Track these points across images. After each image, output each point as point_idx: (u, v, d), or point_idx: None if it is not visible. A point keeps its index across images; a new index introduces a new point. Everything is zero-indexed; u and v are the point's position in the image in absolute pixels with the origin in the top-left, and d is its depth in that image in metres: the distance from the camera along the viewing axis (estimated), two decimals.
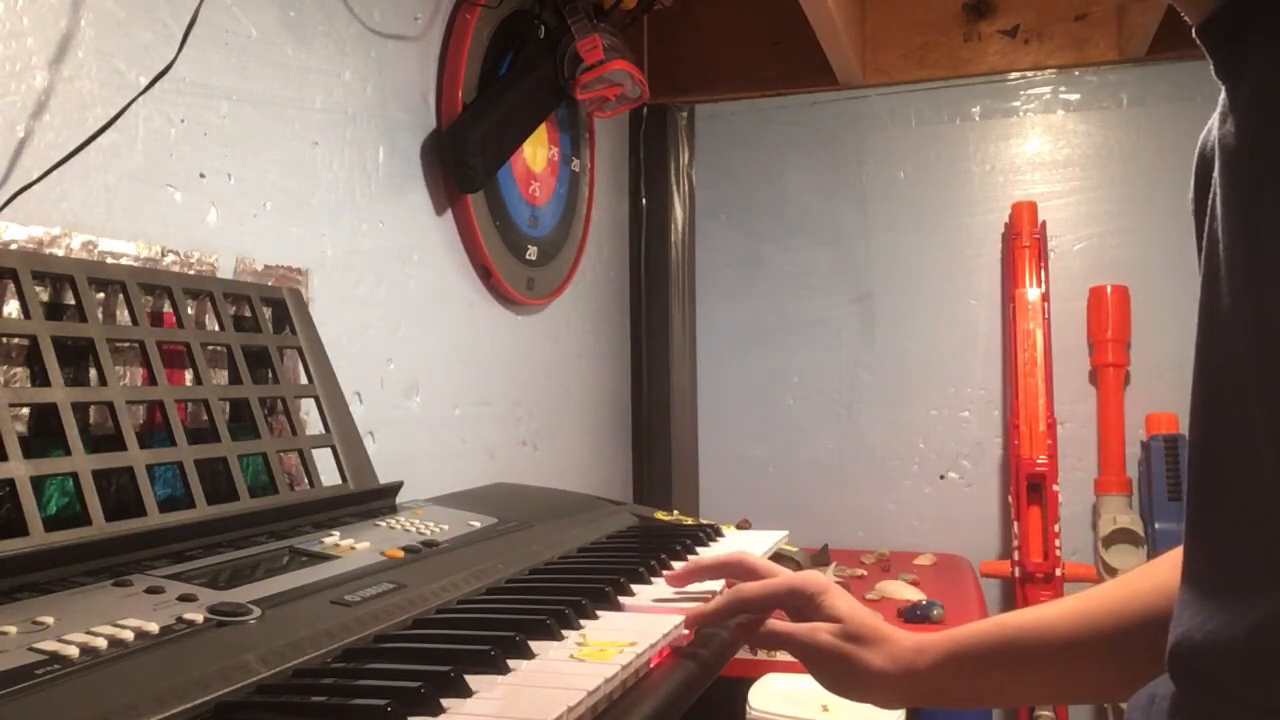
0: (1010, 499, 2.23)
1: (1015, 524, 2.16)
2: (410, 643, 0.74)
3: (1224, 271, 0.54)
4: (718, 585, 0.94)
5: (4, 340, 0.87)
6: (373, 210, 1.47)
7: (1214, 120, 0.57)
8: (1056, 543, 2.10)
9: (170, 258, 1.08)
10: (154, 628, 0.65)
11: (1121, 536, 2.14)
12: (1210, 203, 0.56)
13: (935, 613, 1.78)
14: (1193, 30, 0.56)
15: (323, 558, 0.88)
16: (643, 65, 2.37)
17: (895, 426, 2.46)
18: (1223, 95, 0.55)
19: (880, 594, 1.94)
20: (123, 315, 0.97)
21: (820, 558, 2.25)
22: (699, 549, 1.13)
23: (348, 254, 1.42)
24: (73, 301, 0.91)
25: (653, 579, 0.97)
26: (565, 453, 2.13)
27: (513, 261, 1.83)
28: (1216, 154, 0.55)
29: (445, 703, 0.60)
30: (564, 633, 0.75)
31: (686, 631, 0.82)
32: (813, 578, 0.87)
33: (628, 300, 2.54)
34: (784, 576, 0.88)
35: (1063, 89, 2.37)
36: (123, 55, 1.04)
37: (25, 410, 0.87)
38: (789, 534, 1.26)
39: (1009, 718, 2.29)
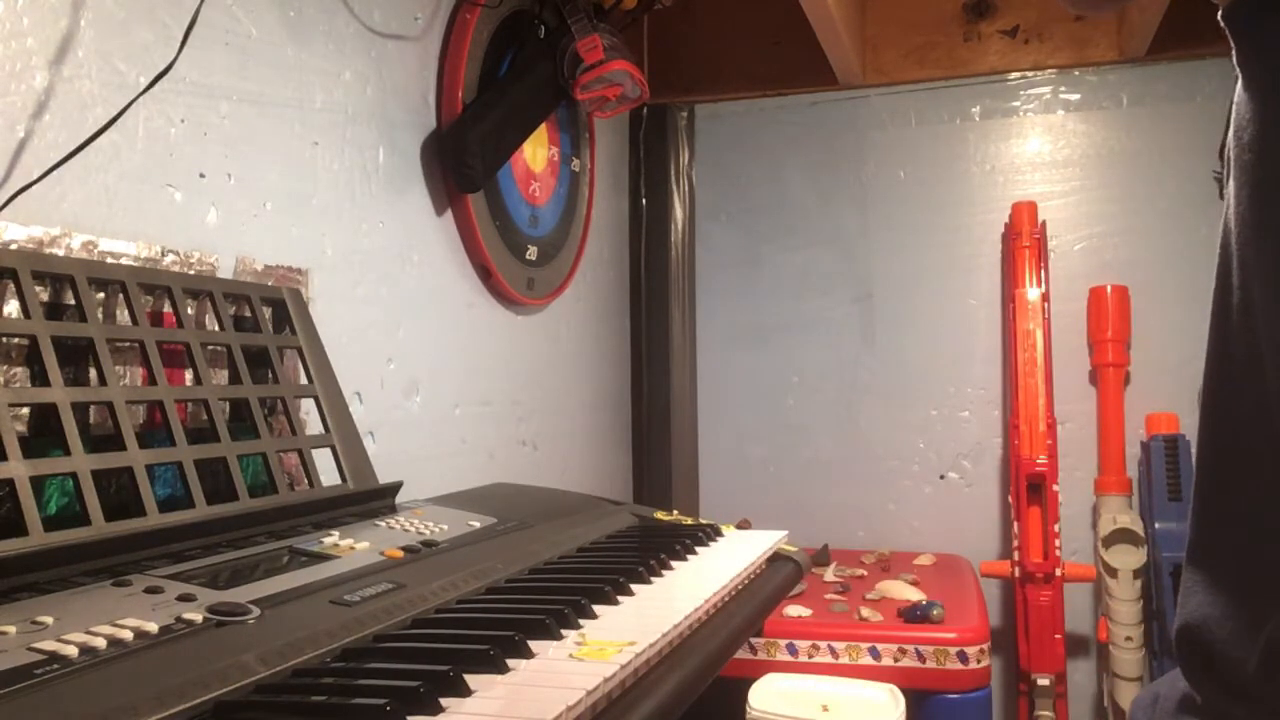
0: (1010, 499, 2.23)
1: (1015, 524, 2.16)
2: (409, 642, 0.74)
3: (1236, 262, 0.54)
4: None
5: (4, 340, 0.87)
6: (373, 210, 1.47)
7: (1233, 108, 0.56)
8: (1056, 543, 2.10)
9: (170, 258, 1.08)
10: (153, 627, 0.65)
11: (1121, 536, 2.14)
12: (1226, 189, 0.56)
13: (935, 613, 1.78)
14: (1218, 14, 0.55)
15: (322, 558, 0.88)
16: (643, 65, 2.37)
17: (895, 426, 2.46)
18: (1239, 84, 0.54)
19: (880, 594, 1.95)
20: (123, 315, 0.97)
21: (820, 558, 2.25)
22: (699, 549, 1.13)
23: (348, 254, 1.42)
24: (73, 301, 0.91)
25: (652, 579, 0.97)
26: (565, 453, 2.13)
27: (513, 261, 1.83)
28: (1231, 142, 0.55)
29: (444, 702, 0.60)
30: (563, 632, 0.75)
31: (688, 630, 0.82)
32: None
33: (628, 300, 2.54)
34: None
35: (1063, 89, 2.37)
36: (123, 55, 1.04)
37: (25, 410, 0.87)
38: (789, 534, 1.26)
39: (1008, 717, 2.29)
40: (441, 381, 1.64)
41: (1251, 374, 0.53)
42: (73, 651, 0.60)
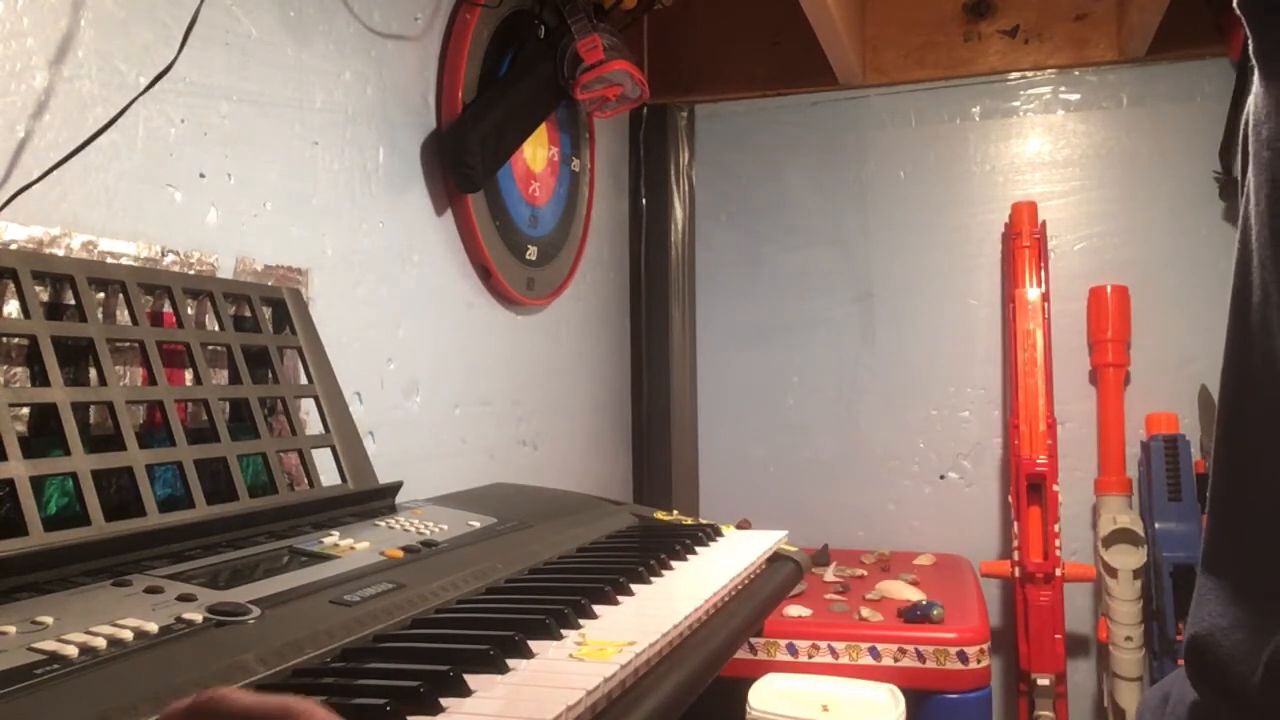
0: (1010, 499, 2.23)
1: (1015, 524, 2.16)
2: (409, 642, 0.74)
3: (1256, 258, 0.53)
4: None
5: (4, 340, 0.87)
6: (373, 210, 1.47)
7: (1251, 99, 0.55)
8: (1056, 543, 2.10)
9: (170, 258, 1.08)
10: (153, 628, 0.65)
11: (1121, 536, 2.14)
12: (1246, 185, 0.55)
13: (935, 613, 1.78)
14: (1234, 3, 0.54)
15: (322, 558, 0.88)
16: (643, 65, 2.37)
17: (895, 426, 2.46)
18: (1256, 78, 0.53)
19: (880, 594, 1.95)
20: (123, 315, 0.97)
21: (820, 558, 2.25)
22: (699, 549, 1.13)
23: (348, 254, 1.42)
24: (73, 301, 0.91)
25: (652, 579, 0.97)
26: (565, 453, 2.13)
27: (513, 261, 1.83)
28: (1250, 134, 0.54)
29: (445, 702, 0.60)
30: (563, 632, 0.75)
31: (688, 630, 0.82)
32: None
33: (628, 300, 2.54)
34: None
35: (1063, 89, 2.37)
36: (123, 55, 1.04)
37: (25, 410, 0.87)
38: (789, 534, 1.26)
39: (1008, 717, 2.29)
40: (441, 381, 1.64)
41: (1269, 376, 0.52)
42: (73, 651, 0.60)
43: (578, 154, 2.10)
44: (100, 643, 0.62)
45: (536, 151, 1.92)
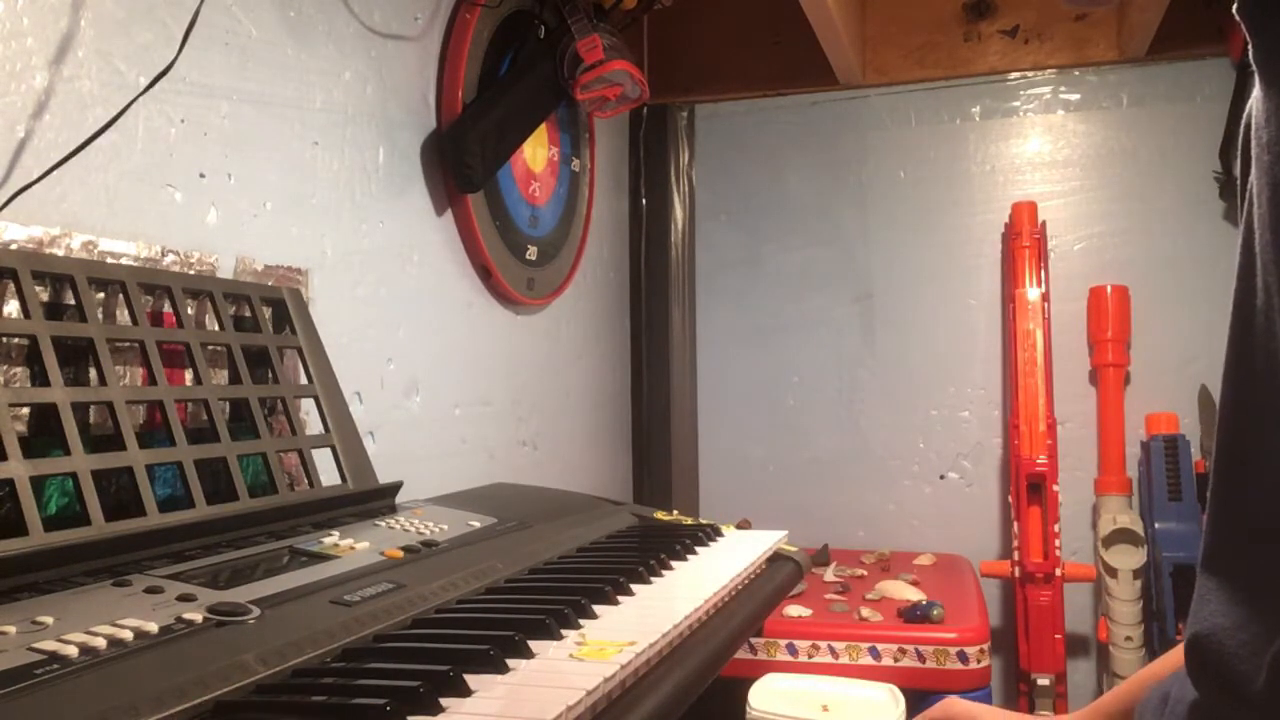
0: (1010, 499, 2.23)
1: (1015, 524, 2.16)
2: (409, 642, 0.74)
3: (1259, 262, 0.53)
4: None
5: (4, 340, 0.87)
6: (373, 210, 1.47)
7: (1251, 103, 0.55)
8: (1056, 543, 2.10)
9: (170, 258, 1.08)
10: (153, 627, 0.65)
11: (1121, 536, 2.14)
12: (1248, 189, 0.55)
13: (935, 613, 1.78)
14: (1234, 8, 0.54)
15: (322, 558, 0.88)
16: (643, 65, 2.37)
17: (895, 426, 2.46)
18: (1257, 80, 0.53)
19: (880, 594, 1.95)
20: (123, 315, 0.97)
21: (820, 558, 2.25)
22: (699, 549, 1.13)
23: (348, 254, 1.42)
24: (73, 301, 0.91)
25: (652, 579, 0.97)
26: (565, 453, 2.13)
27: (513, 261, 1.83)
28: (1252, 139, 0.54)
29: (445, 702, 0.60)
30: (563, 632, 0.75)
31: (688, 630, 0.82)
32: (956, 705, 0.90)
33: (628, 300, 2.54)
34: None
35: (1063, 89, 2.37)
36: (123, 55, 1.04)
37: (25, 410, 0.87)
38: (789, 534, 1.26)
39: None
40: (441, 381, 1.64)
41: (1271, 379, 0.52)
42: (73, 651, 0.60)
43: (578, 154, 2.10)
44: (100, 643, 0.62)
45: (536, 151, 1.92)
